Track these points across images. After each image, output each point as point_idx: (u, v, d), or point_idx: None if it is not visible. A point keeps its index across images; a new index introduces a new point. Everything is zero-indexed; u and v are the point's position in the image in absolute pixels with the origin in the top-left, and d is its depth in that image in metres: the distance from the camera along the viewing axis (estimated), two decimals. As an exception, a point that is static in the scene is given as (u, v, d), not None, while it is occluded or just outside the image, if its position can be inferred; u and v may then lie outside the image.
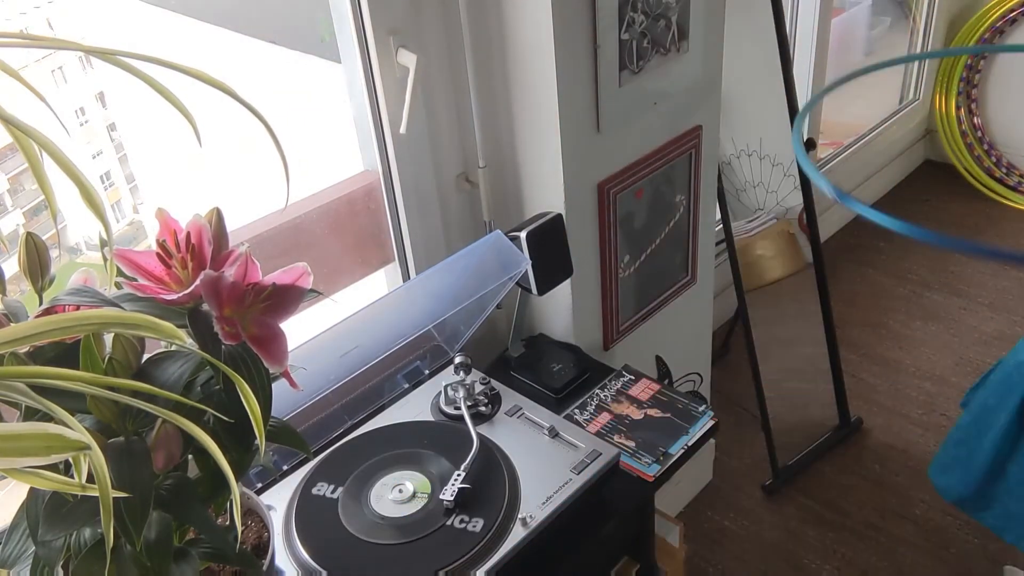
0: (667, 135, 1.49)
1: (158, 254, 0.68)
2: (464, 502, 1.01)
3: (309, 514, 1.03)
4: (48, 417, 0.53)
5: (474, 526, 0.99)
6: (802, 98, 2.46)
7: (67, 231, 1.60)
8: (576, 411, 1.30)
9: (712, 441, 2.08)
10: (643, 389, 1.33)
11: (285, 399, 0.87)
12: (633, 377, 1.36)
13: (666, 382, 1.75)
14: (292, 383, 0.73)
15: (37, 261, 0.70)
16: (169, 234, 0.69)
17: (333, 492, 1.05)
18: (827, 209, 2.88)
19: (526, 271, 1.22)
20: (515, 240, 1.21)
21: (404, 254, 1.43)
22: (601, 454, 1.09)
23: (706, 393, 1.98)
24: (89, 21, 1.56)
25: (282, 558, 0.98)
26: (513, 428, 1.15)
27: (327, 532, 1.00)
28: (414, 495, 1.04)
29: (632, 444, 1.23)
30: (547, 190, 1.36)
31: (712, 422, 1.26)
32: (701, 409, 1.28)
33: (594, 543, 1.11)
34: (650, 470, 1.19)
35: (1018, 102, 3.06)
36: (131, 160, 1.81)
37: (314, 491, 1.05)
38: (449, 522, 1.00)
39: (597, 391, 1.33)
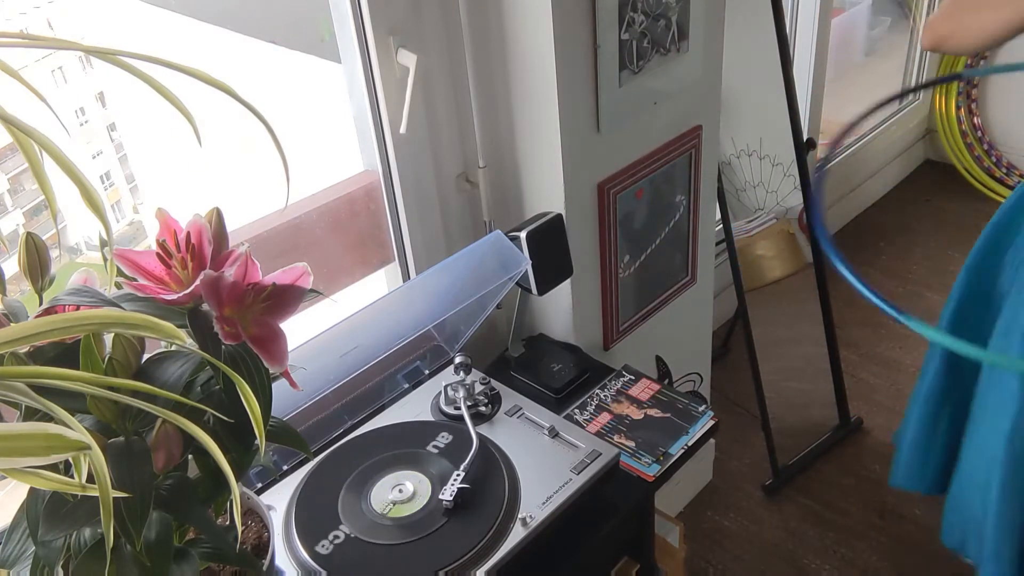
0: (667, 135, 1.49)
1: (158, 254, 0.68)
2: (464, 502, 1.01)
3: (309, 514, 1.03)
4: (48, 417, 0.52)
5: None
6: (802, 98, 2.46)
7: (67, 231, 1.60)
8: (576, 411, 1.30)
9: (712, 441, 2.08)
10: (643, 389, 1.33)
11: (285, 399, 0.87)
12: (633, 377, 1.36)
13: (666, 382, 1.75)
14: (292, 383, 0.73)
15: (37, 261, 0.70)
16: (169, 234, 0.69)
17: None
18: (827, 209, 2.88)
19: (526, 271, 1.22)
20: (515, 240, 1.21)
21: (404, 254, 1.43)
22: (601, 454, 1.09)
23: (706, 393, 1.98)
24: (89, 21, 1.56)
25: (282, 558, 0.98)
26: (513, 428, 1.15)
27: (327, 532, 1.00)
28: (414, 495, 1.04)
29: (632, 444, 1.23)
30: (547, 190, 1.36)
31: (712, 422, 1.26)
32: (701, 409, 1.28)
33: (594, 543, 1.11)
34: (650, 470, 1.19)
35: (1018, 102, 3.06)
36: (131, 160, 1.81)
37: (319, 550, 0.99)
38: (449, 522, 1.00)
39: (597, 391, 1.33)
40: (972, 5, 1.16)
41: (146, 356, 0.69)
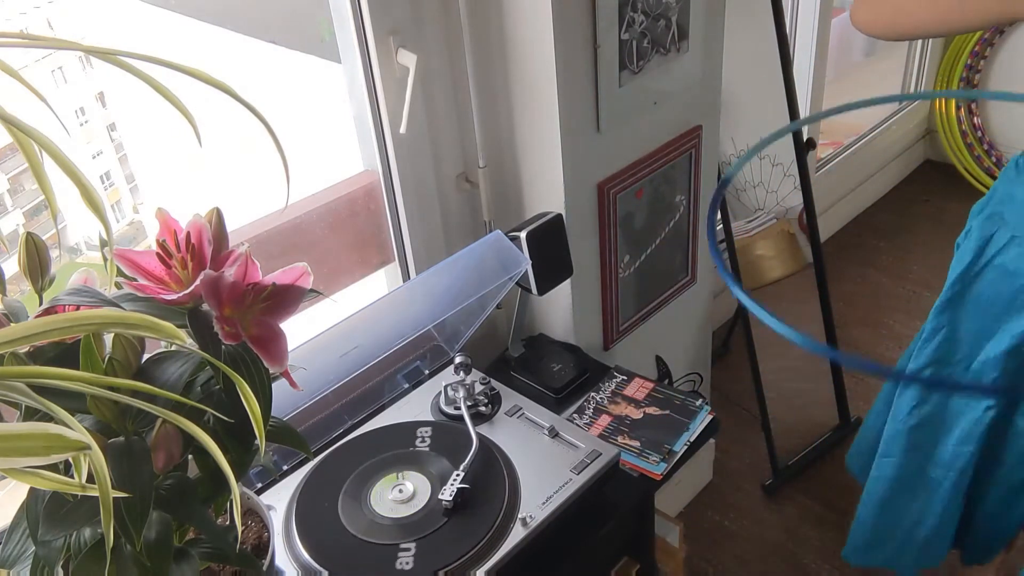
0: (667, 135, 1.49)
1: (158, 254, 0.68)
2: (464, 502, 1.01)
3: (309, 514, 1.03)
4: (48, 417, 0.53)
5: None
6: (802, 98, 2.46)
7: (67, 231, 1.60)
8: (575, 416, 1.29)
9: (712, 441, 2.08)
10: (638, 388, 1.33)
11: (285, 399, 0.87)
12: (625, 377, 1.36)
13: (666, 382, 1.75)
14: (292, 383, 0.73)
15: (37, 261, 0.70)
16: (169, 234, 0.69)
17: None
18: (827, 209, 2.88)
19: (526, 271, 1.22)
20: (515, 240, 1.21)
21: (404, 254, 1.43)
22: (601, 454, 1.09)
23: (706, 393, 1.98)
24: (89, 21, 1.56)
25: (282, 558, 0.98)
26: (513, 428, 1.15)
27: (327, 532, 1.00)
28: (414, 495, 1.04)
29: (637, 444, 1.23)
30: (547, 190, 1.36)
31: (710, 415, 1.26)
32: (698, 403, 1.28)
33: (594, 543, 1.11)
34: (658, 468, 1.19)
35: (1019, 102, 3.06)
36: (131, 160, 1.81)
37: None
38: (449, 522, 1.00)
39: (592, 394, 1.33)
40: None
41: (146, 356, 0.69)
